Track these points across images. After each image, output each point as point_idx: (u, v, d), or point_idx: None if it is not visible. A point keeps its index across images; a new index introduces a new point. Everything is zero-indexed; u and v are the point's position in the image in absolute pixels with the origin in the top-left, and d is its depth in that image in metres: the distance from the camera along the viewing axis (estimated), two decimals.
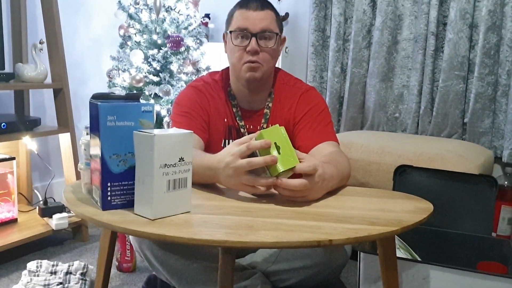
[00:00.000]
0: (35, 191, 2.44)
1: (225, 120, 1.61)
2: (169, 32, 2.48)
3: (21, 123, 2.07)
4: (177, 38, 2.44)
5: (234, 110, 1.61)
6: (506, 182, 2.29)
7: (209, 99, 1.61)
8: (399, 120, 2.75)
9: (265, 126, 1.61)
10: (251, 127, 1.62)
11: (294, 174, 1.12)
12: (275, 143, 1.10)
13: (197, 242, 0.88)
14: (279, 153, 1.10)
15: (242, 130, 1.61)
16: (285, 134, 1.15)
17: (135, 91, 2.44)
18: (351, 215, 1.06)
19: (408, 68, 2.70)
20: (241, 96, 1.62)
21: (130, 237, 1.75)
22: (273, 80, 1.64)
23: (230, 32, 1.52)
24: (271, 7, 1.54)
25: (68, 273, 1.75)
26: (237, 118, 1.61)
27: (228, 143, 1.60)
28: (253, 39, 1.49)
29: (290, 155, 1.11)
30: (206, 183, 1.27)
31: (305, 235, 0.91)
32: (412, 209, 1.12)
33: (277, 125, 1.15)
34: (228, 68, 1.66)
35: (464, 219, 1.74)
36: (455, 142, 2.34)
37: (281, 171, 1.08)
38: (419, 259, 1.66)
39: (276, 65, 1.65)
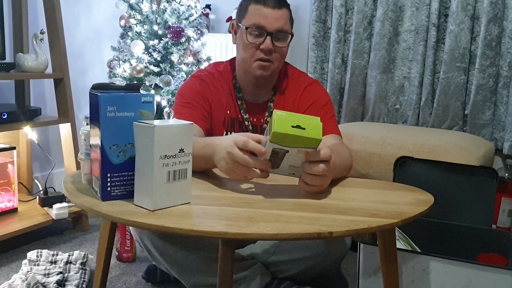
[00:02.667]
0: (36, 181, 2.44)
1: (228, 112, 1.61)
2: (169, 23, 2.47)
3: (22, 113, 2.07)
4: (177, 29, 2.43)
5: (239, 102, 1.61)
6: (506, 174, 2.29)
7: (212, 90, 1.60)
8: (400, 112, 2.74)
9: (268, 119, 1.61)
10: (255, 120, 1.61)
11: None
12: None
13: (197, 233, 0.88)
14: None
15: (246, 123, 1.60)
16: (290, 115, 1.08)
17: (135, 82, 2.43)
18: (351, 206, 1.06)
19: (409, 59, 2.69)
20: (246, 89, 1.61)
21: (130, 227, 1.75)
22: (278, 73, 1.64)
23: (246, 28, 1.51)
24: (286, 4, 1.53)
25: (68, 262, 1.75)
26: (241, 111, 1.61)
27: None
28: (268, 38, 1.48)
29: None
30: (203, 165, 1.26)
31: (305, 227, 0.91)
32: (413, 201, 1.12)
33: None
34: (233, 59, 1.65)
35: (464, 211, 1.74)
36: (456, 134, 2.34)
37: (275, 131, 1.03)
38: (419, 250, 1.67)
39: None
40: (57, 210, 2.11)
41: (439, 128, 2.58)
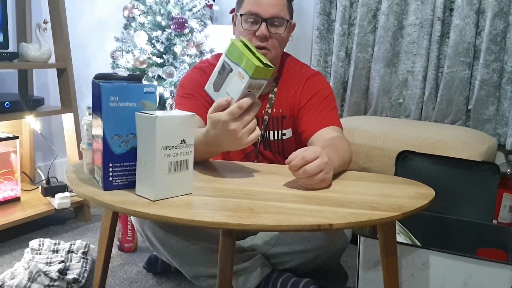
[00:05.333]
0: (38, 170, 2.45)
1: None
2: (173, 14, 2.47)
3: (25, 102, 2.07)
4: (181, 20, 2.43)
5: None
6: (508, 170, 2.29)
7: None
8: (403, 106, 2.74)
9: (269, 111, 1.61)
10: None
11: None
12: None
13: (198, 224, 0.89)
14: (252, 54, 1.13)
15: None
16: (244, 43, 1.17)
17: (138, 73, 2.43)
18: (352, 199, 1.06)
19: (413, 53, 2.68)
20: None
21: (132, 217, 1.76)
22: (280, 65, 1.64)
23: (241, 15, 1.50)
24: None
25: (70, 251, 1.76)
26: None
27: None
28: (263, 24, 1.47)
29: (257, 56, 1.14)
30: (212, 156, 1.30)
31: (305, 219, 0.91)
32: (414, 195, 1.12)
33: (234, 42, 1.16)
34: None
35: (465, 205, 1.74)
36: (459, 128, 2.33)
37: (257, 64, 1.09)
38: (419, 244, 1.67)
39: None
40: (59, 200, 2.12)
41: (442, 122, 2.58)
